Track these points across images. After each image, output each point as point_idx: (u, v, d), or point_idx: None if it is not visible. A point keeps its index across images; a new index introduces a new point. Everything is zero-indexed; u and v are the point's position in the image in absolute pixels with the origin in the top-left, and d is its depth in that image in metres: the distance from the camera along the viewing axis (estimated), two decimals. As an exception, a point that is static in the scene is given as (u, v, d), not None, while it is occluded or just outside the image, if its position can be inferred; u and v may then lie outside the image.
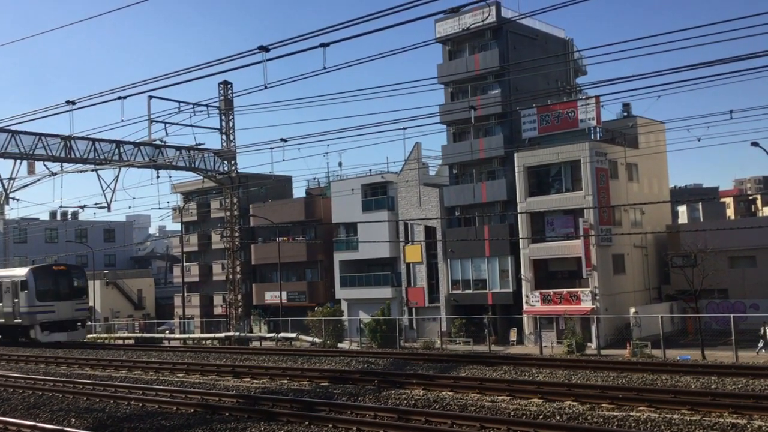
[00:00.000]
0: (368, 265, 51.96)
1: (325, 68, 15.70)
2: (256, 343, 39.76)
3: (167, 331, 55.70)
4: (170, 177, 39.69)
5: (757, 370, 19.16)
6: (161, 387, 19.93)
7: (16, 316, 38.04)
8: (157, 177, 37.20)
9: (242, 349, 30.47)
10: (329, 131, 45.39)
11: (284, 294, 52.94)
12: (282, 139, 27.95)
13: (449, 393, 17.12)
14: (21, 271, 39.07)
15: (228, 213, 43.04)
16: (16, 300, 37.95)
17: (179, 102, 35.75)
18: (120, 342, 46.38)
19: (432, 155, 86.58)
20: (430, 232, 48.39)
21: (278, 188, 60.54)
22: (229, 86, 41.07)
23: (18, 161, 33.03)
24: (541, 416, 13.99)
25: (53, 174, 34.42)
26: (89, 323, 43.83)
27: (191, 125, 36.73)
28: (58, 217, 78.97)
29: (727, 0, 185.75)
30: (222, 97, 40.78)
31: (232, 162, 40.80)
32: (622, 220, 43.00)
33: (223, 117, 40.57)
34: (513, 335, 41.73)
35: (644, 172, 46.02)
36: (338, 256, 53.04)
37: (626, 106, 47.23)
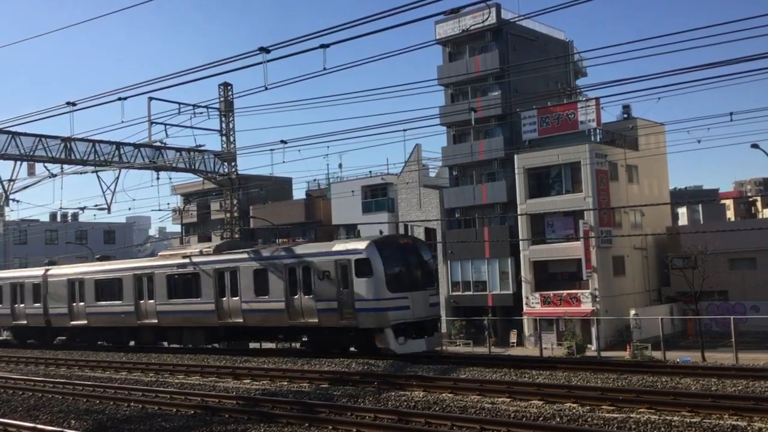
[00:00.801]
0: (368, 266, 51.82)
1: (325, 69, 15.72)
2: (255, 345, 39.64)
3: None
4: (170, 178, 39.42)
5: (758, 372, 19.13)
6: (161, 389, 19.92)
7: (345, 315, 24.47)
8: (157, 178, 37.12)
9: (242, 351, 30.37)
10: (329, 133, 45.49)
11: (284, 295, 52.73)
12: (282, 141, 27.93)
13: (449, 395, 17.08)
14: (354, 246, 24.99)
15: (228, 214, 42.95)
16: (344, 289, 24.48)
17: (179, 103, 35.64)
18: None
19: (432, 157, 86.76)
20: (430, 233, 48.37)
21: (278, 190, 60.51)
22: (229, 87, 41.04)
23: (18, 163, 32.97)
24: (542, 418, 13.97)
25: (53, 175, 34.33)
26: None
27: (191, 127, 36.52)
28: (59, 219, 78.90)
29: (727, 2, 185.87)
30: (222, 99, 40.74)
31: (233, 163, 40.74)
32: (622, 221, 43.02)
33: (223, 118, 40.50)
34: (513, 337, 41.72)
35: (644, 174, 46.03)
36: (338, 258, 52.96)
37: (626, 108, 47.32)
